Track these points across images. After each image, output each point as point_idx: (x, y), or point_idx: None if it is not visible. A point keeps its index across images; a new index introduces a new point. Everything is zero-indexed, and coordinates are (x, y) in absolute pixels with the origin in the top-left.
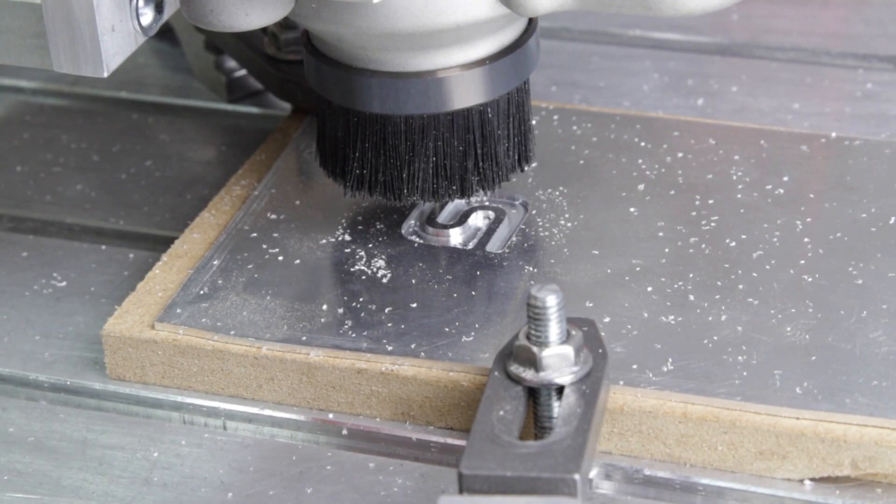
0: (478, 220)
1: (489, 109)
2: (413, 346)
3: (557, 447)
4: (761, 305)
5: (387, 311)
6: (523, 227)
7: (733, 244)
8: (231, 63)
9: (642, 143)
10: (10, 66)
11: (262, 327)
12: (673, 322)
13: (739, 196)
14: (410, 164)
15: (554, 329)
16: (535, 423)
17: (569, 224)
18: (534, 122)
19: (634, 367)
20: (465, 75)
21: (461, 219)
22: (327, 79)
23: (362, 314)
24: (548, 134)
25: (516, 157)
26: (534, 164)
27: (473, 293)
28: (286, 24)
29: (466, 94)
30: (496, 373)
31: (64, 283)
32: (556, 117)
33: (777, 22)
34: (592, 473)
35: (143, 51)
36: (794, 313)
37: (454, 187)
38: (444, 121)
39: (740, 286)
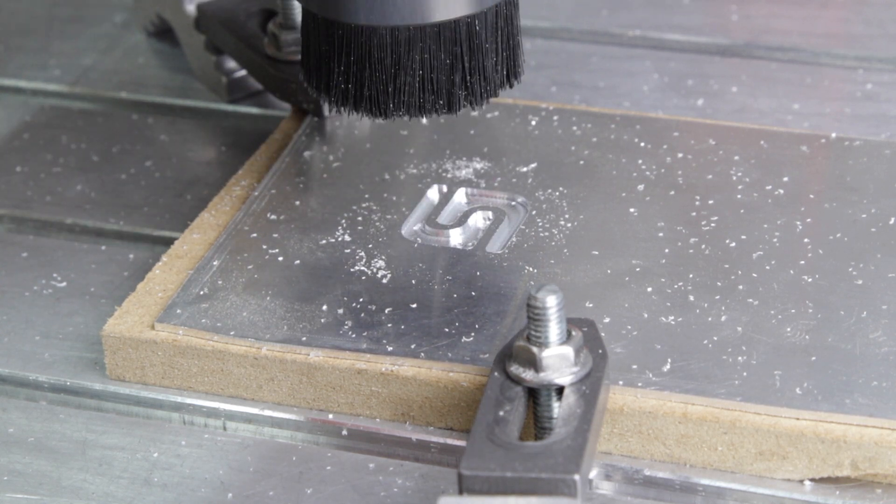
0: (478, 220)
1: (477, 21)
2: (413, 346)
3: (557, 447)
4: (761, 306)
5: (387, 311)
6: (523, 227)
7: (733, 244)
8: (231, 63)
9: (642, 144)
10: (9, 65)
11: (261, 328)
12: (673, 322)
13: (739, 196)
14: (396, 78)
15: (554, 329)
16: (535, 423)
17: (569, 224)
18: (535, 123)
19: (634, 367)
20: None
21: (461, 219)
22: None
23: (362, 314)
24: (548, 134)
25: (505, 73)
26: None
27: (473, 293)
28: (286, 24)
29: (453, 4)
30: (496, 373)
31: (64, 284)
32: (556, 118)
33: (777, 22)
34: (592, 474)
35: (143, 51)
36: (794, 314)
37: (441, 102)
38: (430, 33)
39: (740, 286)
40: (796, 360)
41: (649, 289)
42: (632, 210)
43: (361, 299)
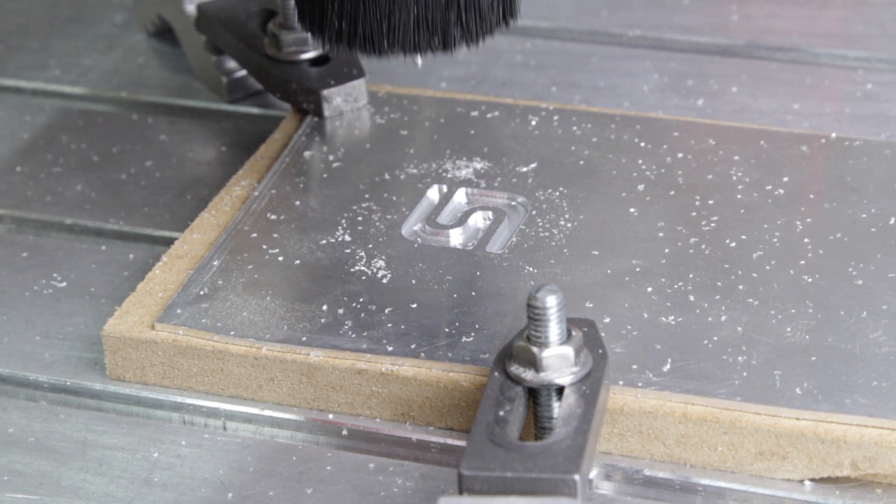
0: (478, 220)
1: None
2: (413, 346)
3: (557, 447)
4: (761, 306)
5: (387, 311)
6: (523, 227)
7: (733, 244)
8: (231, 63)
9: (642, 144)
10: (9, 65)
11: (262, 328)
12: (673, 322)
13: (739, 196)
14: (391, 16)
15: (554, 330)
16: (535, 423)
17: (569, 224)
18: (535, 123)
19: (634, 367)
20: None
21: (461, 219)
22: None
23: (362, 314)
24: (548, 134)
25: (501, 12)
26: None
27: (473, 293)
28: (286, 24)
29: None
30: (496, 373)
31: (64, 284)
32: (556, 118)
33: (777, 22)
34: (592, 474)
35: (144, 51)
36: (794, 314)
37: (436, 39)
38: None
39: (740, 286)
40: (796, 360)
41: (649, 289)
42: (632, 210)
43: (361, 299)
